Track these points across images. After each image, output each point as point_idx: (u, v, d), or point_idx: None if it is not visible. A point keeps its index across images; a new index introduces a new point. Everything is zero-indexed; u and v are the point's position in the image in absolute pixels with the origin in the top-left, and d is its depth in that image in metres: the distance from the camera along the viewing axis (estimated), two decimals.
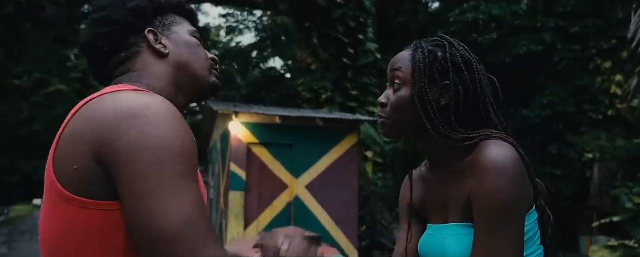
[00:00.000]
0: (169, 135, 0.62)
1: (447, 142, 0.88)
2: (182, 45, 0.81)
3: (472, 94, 0.89)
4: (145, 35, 0.79)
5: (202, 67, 0.82)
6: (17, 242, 10.75)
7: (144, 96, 0.66)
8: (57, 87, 21.33)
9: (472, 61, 0.91)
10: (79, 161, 0.63)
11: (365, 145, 9.26)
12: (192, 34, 0.84)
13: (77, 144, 0.64)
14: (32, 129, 21.20)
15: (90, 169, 0.62)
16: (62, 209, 0.64)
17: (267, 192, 6.61)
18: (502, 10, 11.79)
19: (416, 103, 0.88)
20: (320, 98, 9.73)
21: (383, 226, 8.78)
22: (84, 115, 0.66)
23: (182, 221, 0.58)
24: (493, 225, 0.79)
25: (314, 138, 6.88)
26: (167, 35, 0.81)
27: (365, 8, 10.39)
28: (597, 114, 10.77)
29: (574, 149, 10.67)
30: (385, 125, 0.93)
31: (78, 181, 0.63)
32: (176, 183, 0.60)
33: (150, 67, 0.78)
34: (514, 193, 0.79)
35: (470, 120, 0.90)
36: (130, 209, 0.60)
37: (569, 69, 11.23)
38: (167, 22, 0.83)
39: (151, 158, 0.60)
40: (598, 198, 10.12)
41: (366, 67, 10.27)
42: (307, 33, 10.21)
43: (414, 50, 0.92)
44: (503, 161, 0.80)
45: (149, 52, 0.79)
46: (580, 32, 11.08)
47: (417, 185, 1.02)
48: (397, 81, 0.91)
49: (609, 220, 7.97)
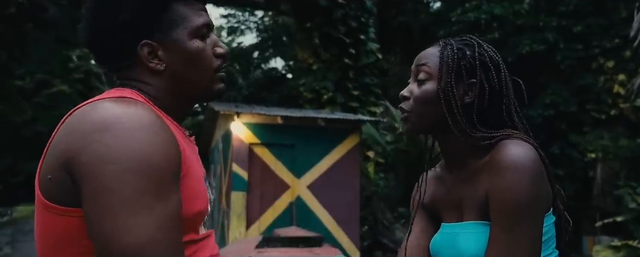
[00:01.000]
0: (135, 149, 0.59)
1: (466, 140, 0.87)
2: (180, 57, 0.73)
3: (497, 94, 0.89)
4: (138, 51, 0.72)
5: (202, 80, 0.76)
6: (21, 243, 10.78)
7: (120, 106, 0.63)
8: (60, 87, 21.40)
9: (500, 62, 0.91)
10: (52, 170, 0.63)
11: (367, 145, 9.25)
12: (195, 34, 0.74)
13: (53, 154, 0.64)
14: (34, 129, 21.26)
15: (60, 178, 0.62)
16: (43, 215, 0.65)
17: (268, 193, 6.61)
18: (504, 9, 11.76)
19: (440, 97, 0.87)
20: (322, 98, 9.73)
21: (385, 226, 8.77)
22: (64, 125, 0.66)
23: (138, 243, 0.56)
24: (510, 223, 0.79)
25: (316, 138, 6.88)
26: (165, 44, 0.73)
27: (367, 8, 10.38)
28: (599, 114, 10.73)
29: (576, 149, 10.64)
30: (408, 120, 0.91)
31: (53, 190, 0.63)
32: (136, 201, 0.57)
33: (146, 78, 0.74)
34: (533, 192, 0.79)
35: (492, 119, 0.90)
36: (90, 225, 0.59)
37: (571, 69, 11.20)
38: (166, 22, 0.73)
39: (113, 173, 0.57)
40: (601, 198, 10.09)
41: (367, 67, 10.26)
42: (309, 33, 10.20)
43: (443, 46, 0.92)
44: (523, 159, 0.80)
45: (144, 66, 0.73)
46: (582, 32, 11.04)
47: (431, 184, 1.01)
48: (422, 75, 0.90)
49: (612, 220, 7.94)
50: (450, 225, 0.93)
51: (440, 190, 0.98)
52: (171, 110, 0.76)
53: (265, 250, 4.02)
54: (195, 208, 0.69)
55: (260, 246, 4.27)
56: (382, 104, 10.19)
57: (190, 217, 0.67)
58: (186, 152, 0.69)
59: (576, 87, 11.09)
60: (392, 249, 8.30)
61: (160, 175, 0.60)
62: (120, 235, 0.56)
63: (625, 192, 7.96)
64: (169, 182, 0.61)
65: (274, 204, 6.63)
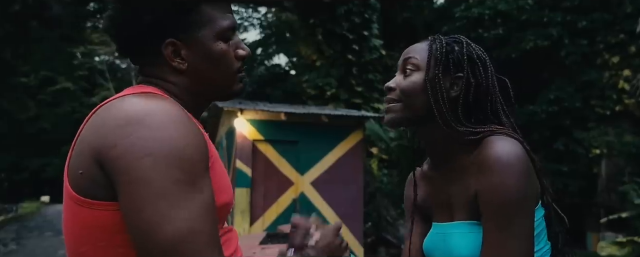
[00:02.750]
0: (168, 141, 0.60)
1: (451, 134, 0.87)
2: (203, 57, 0.74)
3: (483, 90, 0.89)
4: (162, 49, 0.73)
5: (224, 80, 0.77)
6: (26, 239, 10.86)
7: (148, 101, 0.64)
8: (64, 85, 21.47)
9: (487, 60, 0.92)
10: (84, 165, 0.64)
11: (371, 141, 9.24)
12: (220, 36, 0.75)
13: (83, 150, 0.65)
14: (39, 126, 21.36)
15: (93, 173, 0.63)
16: (75, 211, 0.66)
17: (272, 189, 6.62)
18: (508, 5, 11.68)
19: (427, 89, 0.87)
20: (325, 95, 9.73)
21: (388, 222, 8.77)
22: (92, 120, 0.66)
23: (179, 233, 0.56)
24: (503, 222, 0.79)
25: (319, 135, 6.88)
26: (189, 45, 0.73)
27: (370, 4, 10.35)
28: (604, 110, 10.66)
29: (581, 145, 10.59)
30: (392, 110, 0.90)
31: (84, 184, 0.64)
32: (174, 192, 0.58)
33: (168, 76, 0.75)
34: (522, 189, 0.79)
35: (478, 115, 0.90)
36: (128, 217, 0.59)
37: (576, 64, 11.13)
38: (192, 22, 0.73)
39: (148, 165, 0.58)
40: (605, 194, 10.04)
41: (371, 63, 10.24)
42: (312, 29, 10.19)
43: (432, 41, 0.93)
44: (509, 156, 0.79)
45: (167, 64, 0.74)
46: (587, 27, 10.96)
47: (420, 183, 1.01)
48: (409, 67, 0.90)
49: (617, 216, 7.91)
50: (441, 225, 0.93)
51: (429, 189, 0.98)
52: (189, 108, 0.76)
53: (269, 246, 4.04)
54: (220, 200, 0.69)
55: (264, 242, 4.28)
56: None
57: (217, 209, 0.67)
58: (210, 145, 0.70)
59: (581, 82, 11.03)
60: (396, 245, 8.31)
61: (194, 166, 0.61)
62: (160, 225, 0.56)
63: (630, 188, 7.91)
64: (201, 173, 0.62)
65: (277, 200, 6.65)
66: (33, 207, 17.41)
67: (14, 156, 21.26)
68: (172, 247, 0.56)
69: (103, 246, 0.64)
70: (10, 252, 9.08)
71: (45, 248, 9.40)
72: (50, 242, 10.10)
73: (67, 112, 21.42)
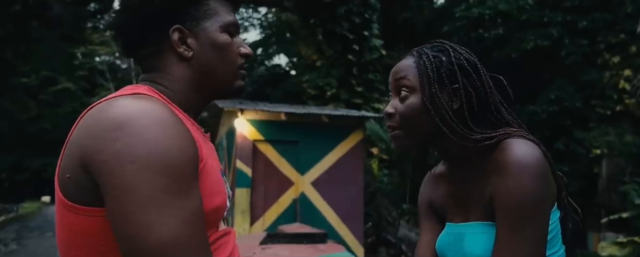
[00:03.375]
0: (155, 146, 0.59)
1: (466, 143, 0.87)
2: (208, 47, 0.75)
3: (483, 95, 0.88)
4: (170, 34, 0.73)
5: (228, 72, 0.77)
6: (26, 239, 10.87)
7: (136, 103, 0.63)
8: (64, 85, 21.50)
9: (477, 64, 0.90)
10: (71, 170, 0.63)
11: (371, 141, 9.24)
12: (224, 29, 0.76)
13: (71, 153, 0.64)
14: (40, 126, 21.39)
15: (80, 177, 0.62)
16: (65, 215, 0.65)
17: (272, 189, 6.62)
18: (509, 4, 11.67)
19: (429, 109, 0.86)
20: (326, 95, 9.73)
21: (389, 222, 8.77)
22: (81, 123, 0.65)
23: (165, 241, 0.56)
24: (517, 223, 0.78)
25: (320, 135, 6.88)
26: (195, 33, 0.74)
27: (370, 4, 10.34)
28: (605, 110, 10.66)
29: (581, 145, 10.58)
30: (397, 137, 0.90)
31: (72, 189, 0.63)
32: (161, 199, 0.57)
33: (171, 67, 0.74)
34: (539, 191, 0.79)
35: (485, 120, 0.89)
36: (115, 225, 0.59)
37: (576, 64, 11.12)
38: (199, 13, 0.75)
39: (133, 172, 0.57)
40: (606, 194, 10.04)
41: (371, 63, 10.24)
42: (312, 30, 10.19)
43: (418, 57, 0.90)
44: (528, 158, 0.79)
45: (173, 52, 0.74)
46: (588, 27, 10.95)
47: (435, 184, 1.01)
48: (404, 89, 0.89)
49: (618, 216, 7.90)
50: (456, 225, 0.92)
51: (445, 189, 0.98)
52: (188, 105, 0.76)
53: (269, 246, 4.03)
54: (213, 204, 0.68)
55: (264, 242, 4.28)
56: (386, 100, 10.17)
57: (209, 213, 0.66)
58: (202, 147, 0.68)
59: (581, 82, 11.02)
60: (396, 246, 8.31)
61: (179, 171, 0.60)
62: (144, 233, 0.56)
63: (630, 189, 7.91)
64: (188, 178, 0.61)
65: (277, 200, 6.65)
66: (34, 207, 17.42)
67: (15, 156, 21.28)
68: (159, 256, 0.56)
69: (90, 251, 0.63)
70: (11, 252, 9.09)
71: (46, 248, 9.40)
72: (51, 243, 10.11)
73: (67, 112, 21.43)
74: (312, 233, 4.80)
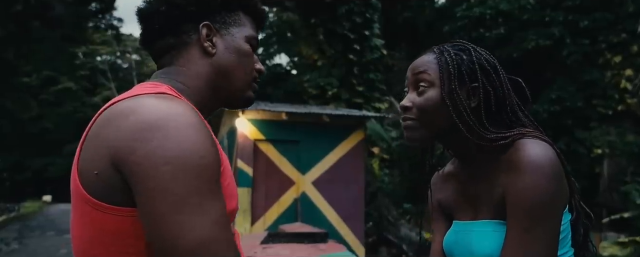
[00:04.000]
0: (188, 149, 0.59)
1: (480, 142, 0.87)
2: (232, 50, 0.78)
3: (500, 96, 0.89)
4: (199, 28, 0.76)
5: (242, 80, 0.80)
6: (28, 239, 10.89)
7: (166, 104, 0.63)
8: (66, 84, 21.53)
9: (496, 65, 0.92)
10: (99, 166, 0.62)
11: (372, 141, 9.24)
12: (248, 40, 0.80)
13: (98, 149, 0.63)
14: (41, 126, 21.42)
15: (109, 176, 0.62)
16: (87, 212, 0.64)
17: (273, 189, 6.63)
18: (510, 4, 11.66)
19: (447, 104, 0.87)
20: (327, 94, 9.73)
21: (389, 221, 8.77)
22: (106, 119, 0.64)
23: (200, 240, 0.57)
24: (530, 222, 0.79)
25: (321, 134, 6.88)
26: (222, 34, 0.78)
27: (371, 4, 10.34)
28: (606, 109, 10.64)
29: (582, 145, 10.57)
30: (412, 128, 0.90)
31: (100, 187, 0.62)
32: (193, 200, 0.58)
33: (192, 63, 0.76)
34: (552, 191, 0.79)
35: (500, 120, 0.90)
36: (146, 224, 0.59)
37: (577, 64, 11.11)
38: (229, 19, 0.79)
39: (167, 173, 0.58)
40: (607, 194, 10.03)
41: (372, 63, 10.23)
42: (313, 29, 10.19)
43: (439, 53, 0.91)
44: (543, 159, 0.80)
45: (197, 47, 0.76)
46: (589, 26, 10.93)
47: (443, 184, 1.01)
48: (423, 84, 0.89)
49: (619, 216, 7.90)
50: (464, 223, 0.93)
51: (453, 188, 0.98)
52: (203, 105, 0.77)
53: (270, 246, 4.04)
54: (230, 206, 0.68)
55: (265, 242, 4.28)
56: (386, 100, 10.17)
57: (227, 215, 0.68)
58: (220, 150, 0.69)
59: (582, 82, 11.01)
60: (397, 245, 8.31)
61: (209, 173, 0.61)
62: (179, 234, 0.57)
63: (632, 188, 7.90)
64: (216, 180, 0.62)
65: (278, 200, 6.65)
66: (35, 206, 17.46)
67: (16, 156, 21.32)
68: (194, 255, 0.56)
69: (115, 251, 0.63)
70: (12, 252, 9.11)
71: (47, 248, 9.42)
72: (52, 242, 10.13)
73: (69, 111, 21.46)
74: (313, 233, 4.80)
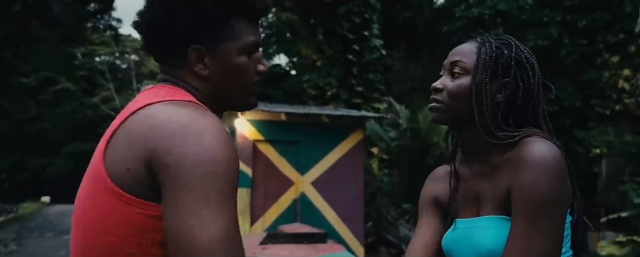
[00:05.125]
0: (217, 155, 0.65)
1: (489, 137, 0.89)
2: (224, 69, 0.79)
3: (529, 94, 0.90)
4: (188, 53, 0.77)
5: (240, 91, 0.82)
6: (26, 240, 10.87)
7: (199, 114, 0.69)
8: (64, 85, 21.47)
9: (535, 64, 0.92)
10: (132, 163, 0.67)
11: (371, 141, 9.25)
12: (242, 50, 0.79)
13: (132, 146, 0.68)
14: (39, 126, 21.37)
15: (141, 172, 0.67)
16: (110, 203, 0.68)
17: (272, 189, 6.63)
18: (508, 4, 11.69)
19: (472, 93, 0.88)
20: (326, 95, 9.74)
21: (389, 222, 8.78)
22: (141, 119, 0.69)
23: (216, 238, 0.61)
24: (533, 219, 0.80)
25: (320, 135, 6.89)
26: (213, 53, 0.78)
27: (370, 4, 10.35)
28: (604, 109, 10.67)
29: (581, 145, 10.59)
30: (437, 109, 0.92)
31: (129, 181, 0.67)
32: (218, 201, 0.63)
33: (189, 80, 0.79)
34: (557, 189, 0.80)
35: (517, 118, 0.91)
36: (169, 218, 0.63)
37: (576, 64, 11.14)
38: (219, 35, 0.78)
39: (197, 174, 0.63)
40: (606, 194, 10.05)
41: (371, 63, 10.24)
42: (312, 29, 10.20)
43: (481, 43, 0.93)
44: (548, 156, 0.81)
45: (189, 68, 0.78)
46: (587, 26, 10.96)
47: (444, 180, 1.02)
48: (457, 70, 0.91)
49: (617, 216, 7.91)
50: (466, 220, 0.93)
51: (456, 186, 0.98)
52: None
53: (269, 246, 4.04)
54: None
55: (265, 242, 4.29)
56: (386, 100, 10.18)
57: None
58: None
59: (581, 82, 11.04)
60: (396, 245, 8.32)
61: (232, 177, 0.66)
62: (201, 229, 0.61)
63: (630, 188, 7.92)
64: (236, 184, 0.68)
65: (278, 200, 6.66)
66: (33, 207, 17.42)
67: (14, 156, 21.28)
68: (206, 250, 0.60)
69: (131, 241, 0.67)
70: (10, 253, 9.09)
71: (46, 249, 9.40)
72: (50, 243, 10.11)
73: (67, 112, 21.42)
74: (312, 233, 4.81)
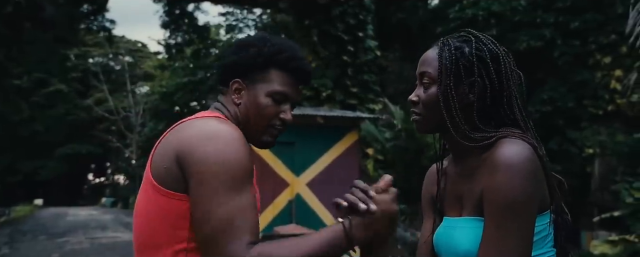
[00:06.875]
0: (231, 154, 0.86)
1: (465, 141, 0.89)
2: (251, 104, 1.01)
3: (498, 89, 0.90)
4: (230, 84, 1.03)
5: (258, 126, 1.03)
6: (19, 243, 10.78)
7: (221, 124, 0.92)
8: (57, 86, 21.32)
9: (500, 55, 0.91)
10: (167, 162, 0.90)
11: (366, 142, 9.26)
12: (270, 95, 1.01)
13: (168, 150, 0.91)
14: (32, 128, 21.18)
15: (173, 169, 0.89)
16: (154, 196, 0.91)
17: (268, 191, 6.62)
18: (502, 6, 11.76)
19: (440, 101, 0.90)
20: (321, 96, 9.74)
21: None
22: (178, 130, 0.93)
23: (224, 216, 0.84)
24: (501, 220, 0.81)
25: (315, 136, 6.89)
26: (249, 89, 1.02)
27: (365, 5, 10.37)
28: (597, 109, 10.75)
29: (574, 145, 10.67)
30: (417, 121, 0.96)
31: (166, 178, 0.90)
32: (227, 189, 0.85)
33: (228, 105, 1.04)
34: (525, 190, 0.80)
35: (495, 115, 0.91)
36: (193, 202, 0.87)
37: (568, 65, 11.22)
38: (258, 77, 1.01)
39: (215, 169, 0.85)
40: (598, 193, 10.13)
41: (366, 64, 10.26)
42: (307, 31, 10.20)
43: (441, 48, 0.93)
44: (516, 158, 0.81)
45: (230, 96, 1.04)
46: (579, 28, 11.05)
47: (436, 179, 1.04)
48: (425, 80, 0.93)
49: (610, 215, 7.97)
50: (451, 219, 0.95)
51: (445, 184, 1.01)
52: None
53: None
54: None
55: None
56: (381, 101, 10.21)
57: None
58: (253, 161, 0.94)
59: (573, 83, 11.12)
60: None
61: (241, 174, 0.87)
62: (214, 209, 0.84)
63: (622, 187, 7.98)
64: (245, 181, 0.88)
65: (273, 202, 6.65)
66: (26, 210, 17.28)
67: (7, 159, 21.10)
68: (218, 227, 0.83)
69: (169, 224, 0.90)
70: (3, 256, 9.01)
71: (39, 252, 9.33)
72: (43, 246, 10.03)
73: (60, 114, 21.31)
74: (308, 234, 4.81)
